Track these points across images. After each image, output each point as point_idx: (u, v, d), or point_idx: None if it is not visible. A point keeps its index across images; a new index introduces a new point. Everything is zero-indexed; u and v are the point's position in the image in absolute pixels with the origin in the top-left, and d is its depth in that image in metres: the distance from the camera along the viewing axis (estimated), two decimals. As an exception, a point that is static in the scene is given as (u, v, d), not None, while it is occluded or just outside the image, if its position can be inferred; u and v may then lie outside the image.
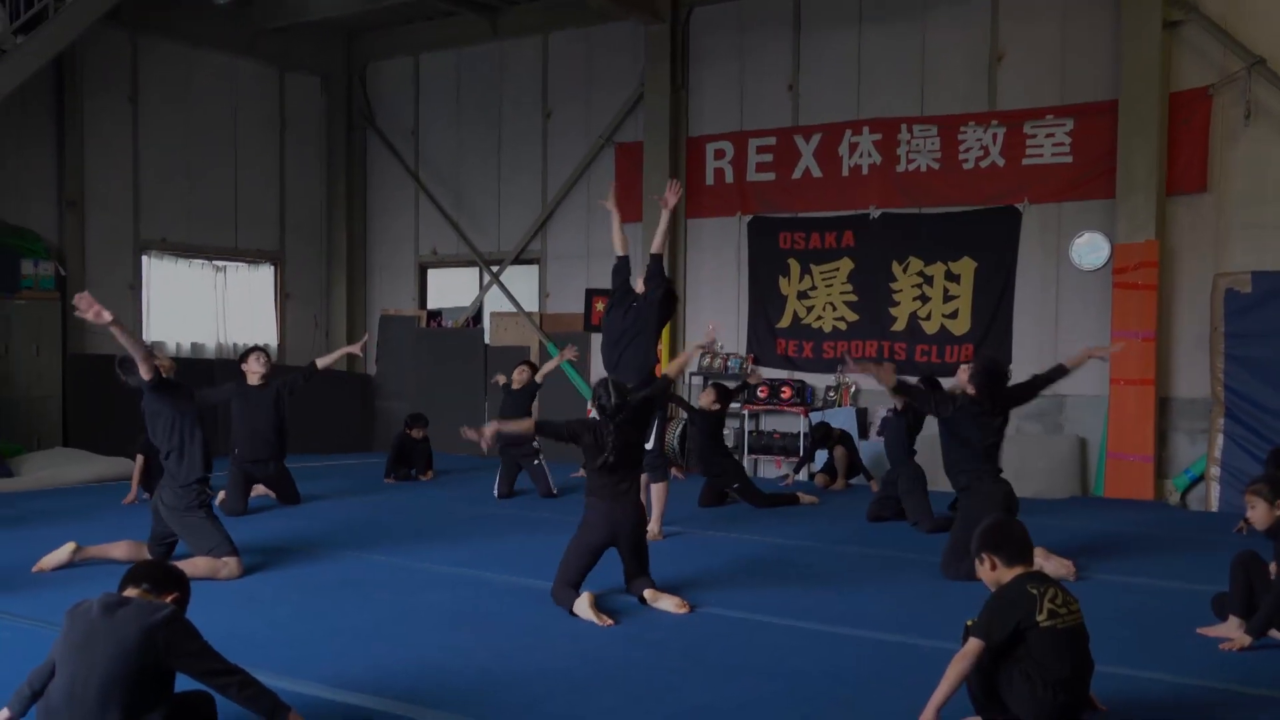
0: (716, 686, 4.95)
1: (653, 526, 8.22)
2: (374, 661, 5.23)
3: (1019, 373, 11.97)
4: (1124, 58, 11.27)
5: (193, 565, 6.70)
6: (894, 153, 12.70)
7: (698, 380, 13.71)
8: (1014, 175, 12.06)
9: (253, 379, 10.04)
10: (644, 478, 7.72)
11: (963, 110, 12.33)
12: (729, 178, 13.77)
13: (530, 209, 15.38)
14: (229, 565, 7.03)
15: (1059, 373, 7.89)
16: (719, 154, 13.84)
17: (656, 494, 8.57)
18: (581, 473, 9.10)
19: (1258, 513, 5.64)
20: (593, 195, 14.81)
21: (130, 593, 3.97)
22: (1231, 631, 5.66)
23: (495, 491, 10.97)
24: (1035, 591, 4.09)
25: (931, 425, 8.28)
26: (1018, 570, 4.22)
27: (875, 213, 12.83)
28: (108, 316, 6.36)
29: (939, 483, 8.89)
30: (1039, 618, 4.03)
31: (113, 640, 3.71)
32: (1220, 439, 10.59)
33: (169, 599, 3.98)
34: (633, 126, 14.42)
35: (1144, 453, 11.06)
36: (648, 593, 6.37)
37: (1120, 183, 11.28)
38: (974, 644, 4.05)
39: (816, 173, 13.18)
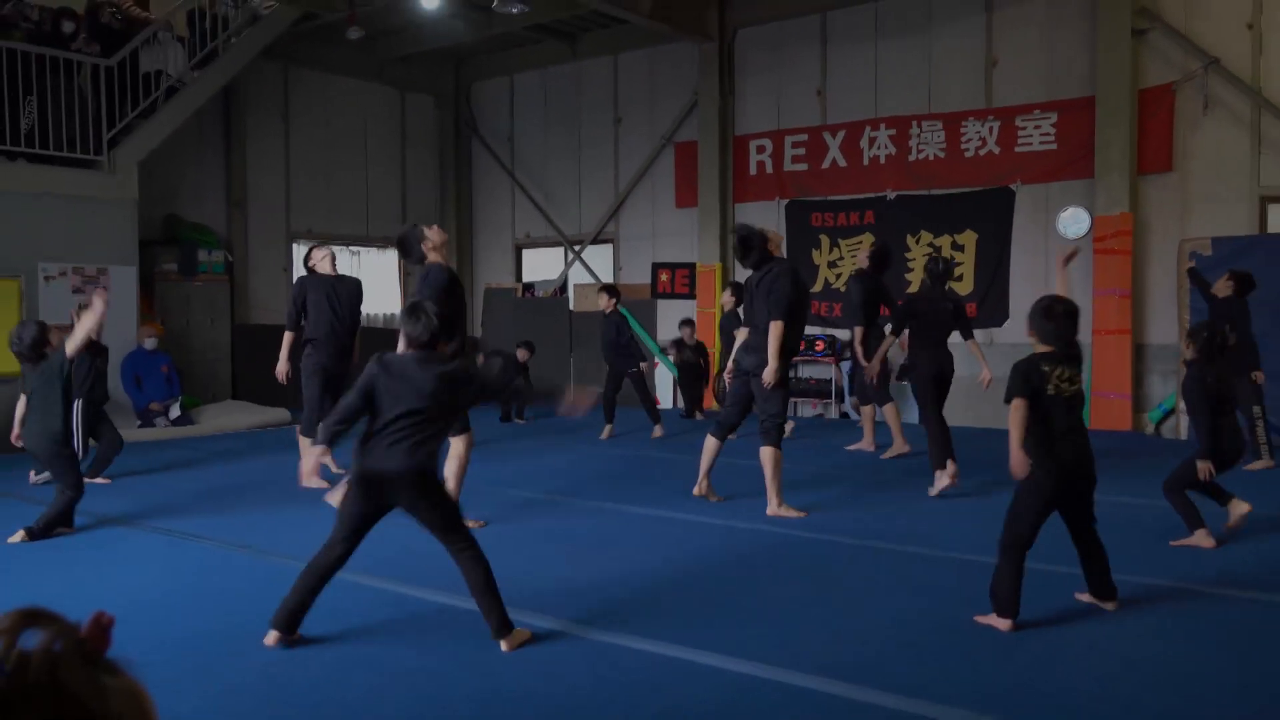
0: (769, 590, 4.91)
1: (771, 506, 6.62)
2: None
3: (1013, 326, 11.81)
4: (1099, 61, 10.94)
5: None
6: (906, 145, 12.46)
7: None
8: (1008, 161, 11.78)
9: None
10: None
11: (964, 108, 12.06)
12: (769, 169, 13.61)
13: (605, 198, 15.32)
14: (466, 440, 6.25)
15: None
16: (760, 149, 13.66)
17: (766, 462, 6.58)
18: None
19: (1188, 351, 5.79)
20: (657, 186, 14.74)
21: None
22: (1202, 541, 5.51)
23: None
24: (1046, 369, 4.24)
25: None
26: (1044, 349, 4.32)
27: (891, 195, 12.62)
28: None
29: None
30: (1048, 388, 4.21)
31: (419, 380, 3.98)
32: (1186, 379, 10.33)
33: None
34: (689, 128, 14.27)
35: (1123, 391, 10.82)
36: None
37: (1098, 165, 10.98)
38: (1016, 402, 4.22)
39: (842, 163, 12.98)
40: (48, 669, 0.76)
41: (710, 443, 6.87)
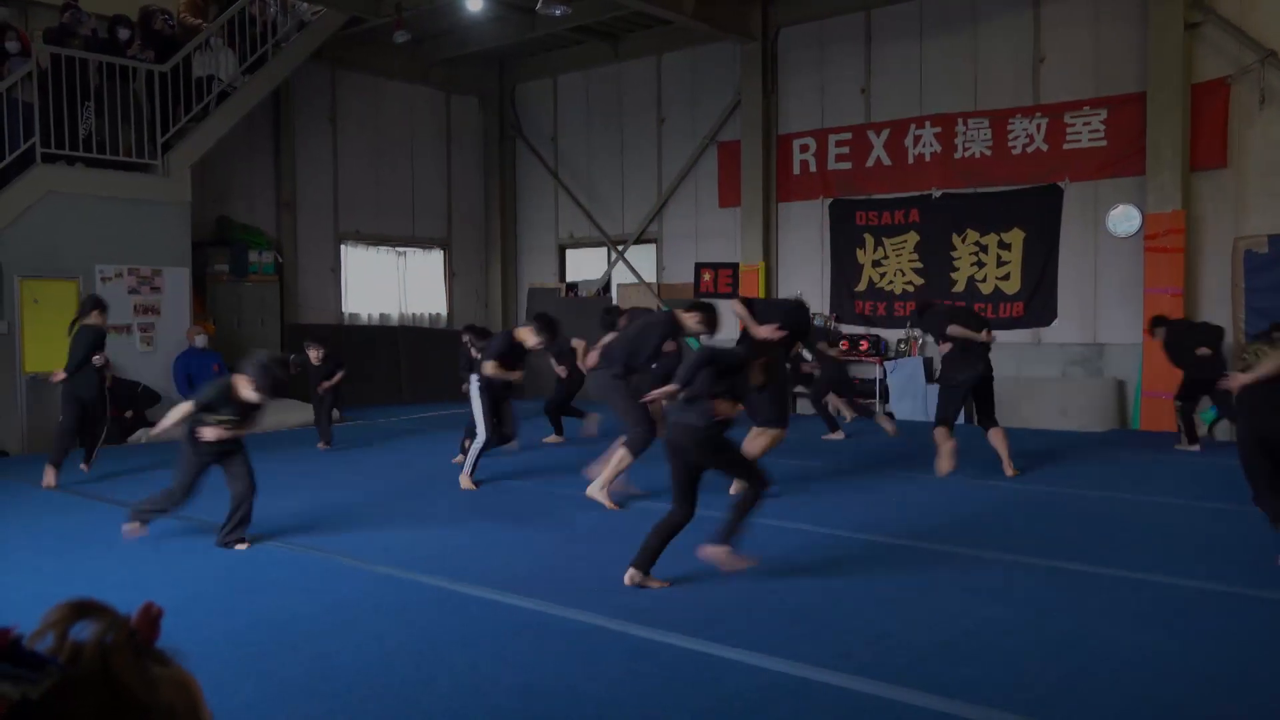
0: (810, 589, 4.91)
1: (594, 488, 6.98)
2: (528, 567, 5.28)
3: (1061, 325, 11.65)
4: (1150, 56, 10.78)
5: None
6: (952, 142, 12.35)
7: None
8: (1056, 158, 11.63)
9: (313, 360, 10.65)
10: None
11: (1011, 105, 11.93)
12: (813, 168, 13.54)
13: (648, 198, 15.33)
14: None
15: None
16: (804, 148, 13.61)
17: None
18: None
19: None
20: (700, 186, 14.74)
21: None
22: None
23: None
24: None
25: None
26: None
27: (937, 193, 12.51)
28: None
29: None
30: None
31: None
32: (1239, 379, 10.13)
33: None
34: (732, 128, 14.25)
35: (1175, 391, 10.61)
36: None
37: (1149, 162, 10.81)
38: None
39: (886, 161, 12.89)
40: (99, 660, 0.79)
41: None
